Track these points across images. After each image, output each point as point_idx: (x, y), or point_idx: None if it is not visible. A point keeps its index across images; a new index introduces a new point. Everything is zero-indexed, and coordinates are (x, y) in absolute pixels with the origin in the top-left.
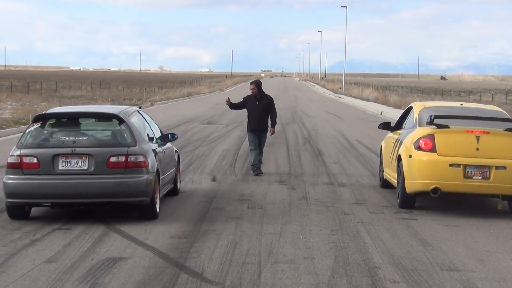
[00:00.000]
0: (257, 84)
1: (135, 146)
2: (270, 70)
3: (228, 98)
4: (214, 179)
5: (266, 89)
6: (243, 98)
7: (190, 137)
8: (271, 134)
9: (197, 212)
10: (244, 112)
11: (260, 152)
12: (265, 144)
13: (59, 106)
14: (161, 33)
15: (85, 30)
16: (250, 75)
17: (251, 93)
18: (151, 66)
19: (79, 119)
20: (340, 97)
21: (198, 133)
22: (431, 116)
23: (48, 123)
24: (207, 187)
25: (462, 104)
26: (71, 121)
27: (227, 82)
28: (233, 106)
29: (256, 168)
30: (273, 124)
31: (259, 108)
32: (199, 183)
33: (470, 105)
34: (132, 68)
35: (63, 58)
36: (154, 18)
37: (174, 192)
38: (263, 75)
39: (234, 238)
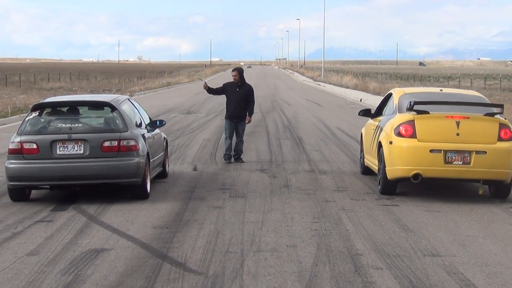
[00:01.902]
0: (239, 71)
1: (127, 131)
2: (285, 59)
3: (205, 82)
4: (195, 169)
5: (245, 77)
6: (223, 84)
7: (170, 127)
8: (248, 123)
9: (179, 202)
10: (224, 102)
11: (240, 141)
12: (244, 132)
13: (38, 98)
14: (140, 23)
15: (62, 21)
16: (229, 64)
17: (232, 80)
18: (129, 56)
19: (75, 107)
20: (319, 85)
21: (178, 123)
22: (410, 102)
23: (45, 111)
24: (188, 177)
25: (441, 90)
26: (66, 109)
27: (206, 72)
28: (211, 90)
29: (228, 157)
30: (250, 113)
31: (238, 96)
32: (180, 173)
33: (450, 91)
34: (111, 58)
35: (41, 50)
36: (132, 8)
37: (163, 174)
38: (242, 63)
39: (217, 227)
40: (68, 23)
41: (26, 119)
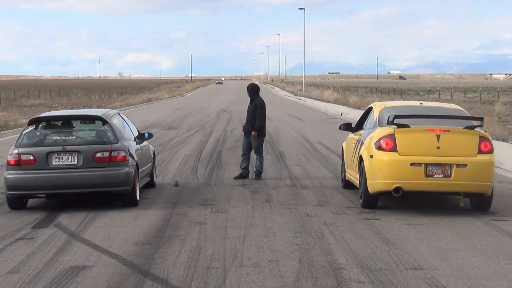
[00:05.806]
0: (248, 88)
1: (117, 143)
2: (338, 72)
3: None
4: (176, 185)
5: (225, 92)
6: None
7: (151, 142)
8: (251, 137)
9: (160, 218)
10: (205, 117)
11: (257, 157)
12: (259, 148)
13: (18, 115)
14: (121, 39)
15: (43, 38)
16: (209, 79)
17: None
18: (110, 72)
19: (68, 121)
20: (300, 99)
21: (159, 139)
22: (391, 116)
23: (40, 125)
24: (170, 192)
25: (421, 103)
26: (60, 123)
27: (187, 87)
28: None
29: (258, 173)
30: (255, 128)
31: (249, 111)
32: (161, 189)
33: (430, 104)
34: (91, 75)
35: (22, 67)
36: (113, 25)
37: (151, 184)
38: (222, 78)
39: (198, 243)
40: (49, 40)
41: (23, 132)
